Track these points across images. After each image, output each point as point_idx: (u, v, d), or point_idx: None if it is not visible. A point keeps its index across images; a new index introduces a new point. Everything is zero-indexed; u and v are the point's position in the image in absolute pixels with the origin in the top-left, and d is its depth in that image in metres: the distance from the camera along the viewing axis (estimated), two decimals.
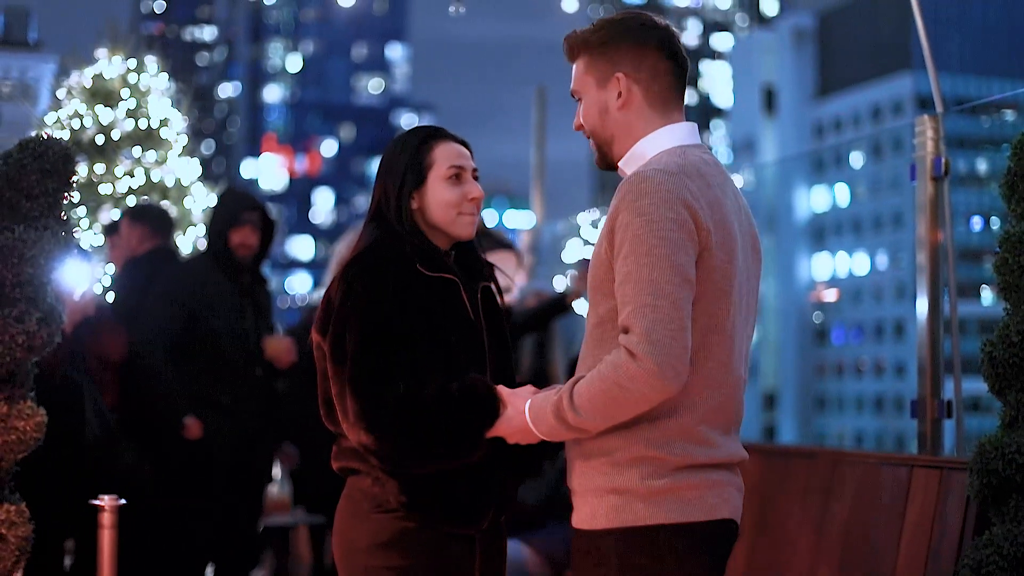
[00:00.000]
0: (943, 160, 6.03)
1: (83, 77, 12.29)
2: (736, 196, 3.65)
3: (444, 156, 3.98)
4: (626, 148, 3.68)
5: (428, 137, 4.02)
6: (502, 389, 3.76)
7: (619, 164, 3.72)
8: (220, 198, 8.00)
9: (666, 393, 3.32)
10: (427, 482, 3.75)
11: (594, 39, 3.70)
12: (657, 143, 3.63)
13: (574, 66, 3.77)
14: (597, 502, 3.49)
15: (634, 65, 3.64)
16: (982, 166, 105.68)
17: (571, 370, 6.86)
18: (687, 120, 3.72)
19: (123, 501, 5.22)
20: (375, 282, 3.77)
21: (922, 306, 6.06)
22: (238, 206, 7.61)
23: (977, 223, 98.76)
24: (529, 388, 3.75)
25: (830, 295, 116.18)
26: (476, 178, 4.04)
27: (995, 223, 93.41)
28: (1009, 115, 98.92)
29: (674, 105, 3.69)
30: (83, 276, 5.90)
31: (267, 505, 8.90)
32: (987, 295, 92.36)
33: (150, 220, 8.23)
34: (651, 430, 3.42)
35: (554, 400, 3.49)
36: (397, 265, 3.82)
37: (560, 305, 8.19)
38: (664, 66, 3.67)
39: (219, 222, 7.55)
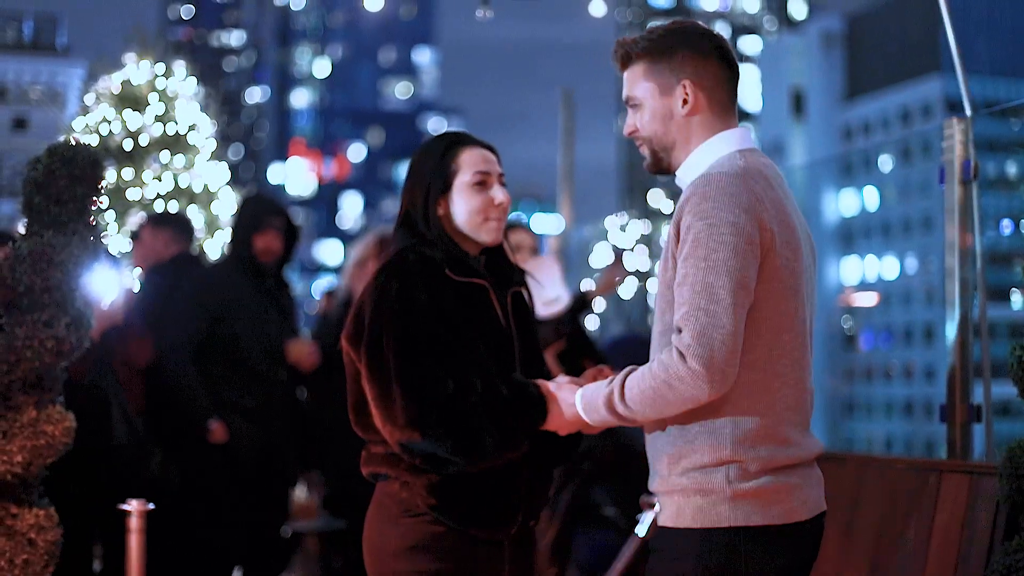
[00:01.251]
0: (972, 163, 6.00)
1: (111, 82, 12.36)
2: (792, 198, 3.72)
3: (469, 162, 4.00)
4: (685, 154, 3.74)
5: (453, 144, 4.04)
6: (548, 385, 3.82)
7: (678, 172, 3.77)
8: (244, 203, 8.03)
9: (712, 396, 3.41)
10: (454, 485, 3.77)
11: (655, 47, 3.74)
12: (716, 148, 3.69)
13: (627, 74, 3.81)
14: (684, 502, 3.55)
15: (698, 73, 3.70)
16: (1012, 169, 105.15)
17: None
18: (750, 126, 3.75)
19: (151, 506, 5.23)
20: (407, 285, 3.79)
21: (952, 310, 6.03)
22: (262, 211, 7.65)
23: (1007, 226, 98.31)
24: (570, 382, 3.82)
25: (867, 299, 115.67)
26: (503, 184, 4.05)
27: None
28: None
29: (731, 111, 3.77)
30: (111, 283, 5.91)
31: (294, 509, 8.93)
32: (1017, 299, 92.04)
33: (174, 225, 8.25)
34: (737, 433, 3.50)
35: (605, 393, 3.59)
36: (427, 269, 3.84)
37: (583, 303, 8.18)
38: (724, 73, 3.75)
39: (243, 227, 7.58)
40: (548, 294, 6.87)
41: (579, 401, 3.69)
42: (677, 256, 3.49)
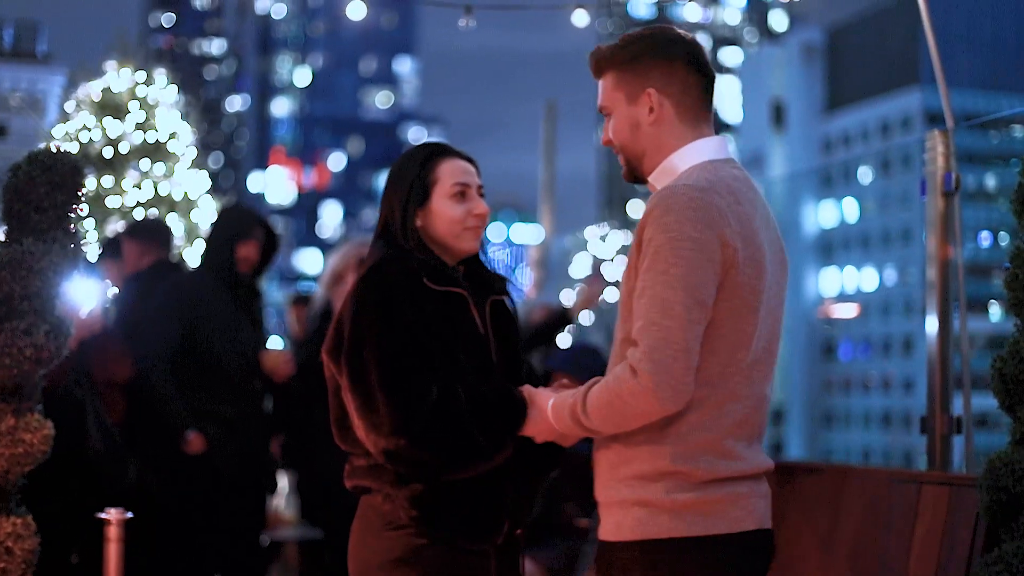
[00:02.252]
0: (953, 175, 6.02)
1: (92, 90, 12.33)
2: (764, 208, 3.67)
3: (448, 173, 4.01)
4: (657, 163, 3.69)
5: (432, 154, 4.04)
6: (528, 389, 3.81)
7: (649, 179, 3.73)
8: (225, 212, 8.02)
9: (665, 411, 3.38)
10: (437, 497, 3.76)
11: (622, 55, 3.72)
12: (688, 158, 3.65)
13: (601, 82, 3.79)
14: (622, 514, 3.52)
15: (664, 80, 3.67)
16: (991, 182, 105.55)
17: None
18: (726, 136, 3.74)
19: (130, 514, 5.21)
20: (387, 295, 3.78)
21: (932, 322, 6.04)
22: (247, 221, 7.65)
23: (986, 239, 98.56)
24: (546, 389, 3.81)
25: (847, 310, 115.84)
26: (482, 195, 4.06)
27: (1004, 239, 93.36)
28: (1018, 130, 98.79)
29: (704, 118, 3.72)
30: (90, 292, 5.89)
31: (272, 519, 8.91)
32: (995, 311, 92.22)
33: (148, 234, 8.21)
34: (678, 444, 3.46)
35: (570, 402, 3.56)
36: (406, 279, 3.82)
37: (564, 319, 8.18)
38: (693, 80, 3.70)
39: (225, 235, 7.57)
40: None
41: (550, 409, 3.67)
42: (639, 267, 3.46)
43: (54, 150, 4.97)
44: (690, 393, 3.37)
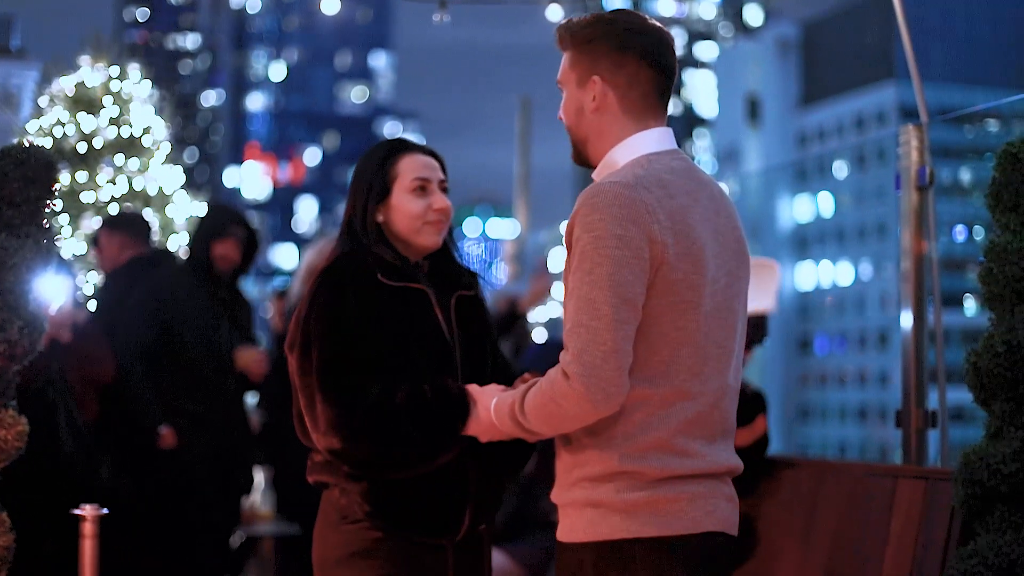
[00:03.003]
0: (928, 170, 6.04)
1: (65, 85, 12.28)
2: (713, 200, 3.55)
3: (409, 168, 4.01)
4: (600, 152, 3.61)
5: (393, 150, 4.06)
6: (472, 387, 3.78)
7: (593, 174, 3.65)
8: (207, 211, 8.01)
9: (599, 413, 3.31)
10: (390, 491, 3.77)
11: (581, 35, 3.62)
12: (627, 151, 3.55)
13: (563, 57, 3.69)
14: (576, 515, 3.46)
15: (612, 70, 3.57)
16: (965, 176, 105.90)
17: None
18: (670, 128, 3.67)
19: (105, 511, 5.19)
20: (335, 292, 3.81)
21: (906, 316, 6.06)
22: (224, 219, 7.65)
23: (960, 233, 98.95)
24: (495, 387, 3.76)
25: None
26: (445, 190, 4.06)
27: (978, 233, 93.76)
28: (992, 125, 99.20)
29: (651, 113, 3.60)
30: (61, 289, 5.86)
31: (248, 514, 8.89)
32: (970, 305, 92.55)
33: (128, 228, 8.17)
34: (625, 445, 3.38)
35: (509, 403, 3.52)
36: (358, 276, 3.85)
37: (512, 315, 8.22)
38: (645, 74, 3.57)
39: (203, 233, 7.57)
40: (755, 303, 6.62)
41: (492, 409, 3.63)
42: (567, 268, 3.41)
43: (27, 145, 4.95)
44: (624, 393, 3.30)
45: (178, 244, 11.54)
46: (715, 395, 3.49)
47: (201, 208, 12.20)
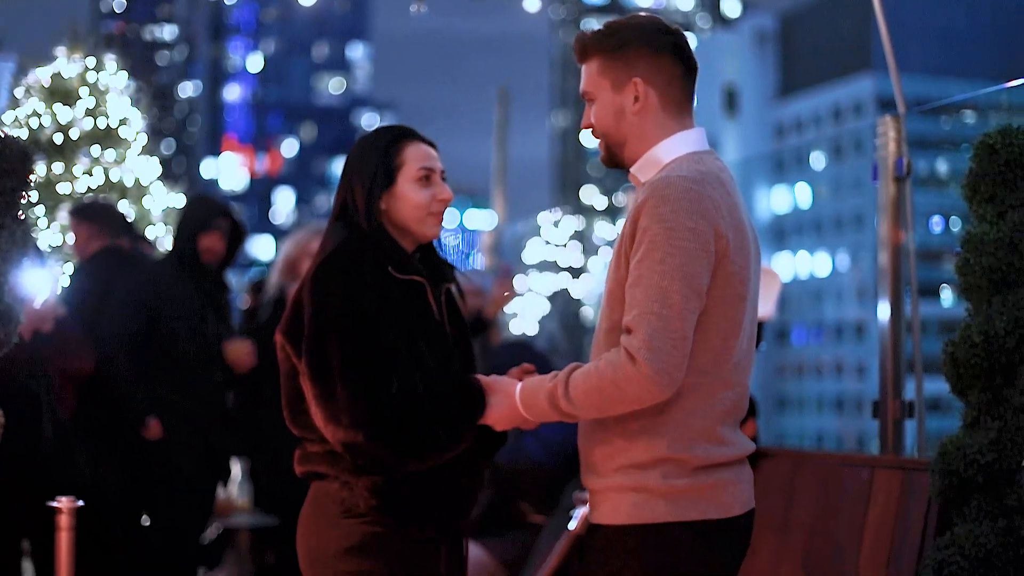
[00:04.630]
0: (905, 161, 6.05)
1: (41, 76, 12.23)
2: (742, 199, 3.73)
3: (414, 157, 3.98)
4: (639, 152, 3.73)
5: (398, 137, 4.01)
6: (483, 377, 3.82)
7: (632, 170, 3.77)
8: (191, 201, 7.98)
9: (658, 398, 3.44)
10: (397, 487, 3.75)
11: (610, 42, 3.74)
12: (672, 149, 3.69)
13: (585, 67, 3.81)
14: (618, 499, 3.59)
15: (651, 70, 3.70)
16: (942, 167, 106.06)
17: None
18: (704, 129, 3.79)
19: (80, 503, 5.18)
20: (353, 283, 3.75)
21: (884, 306, 6.07)
22: (210, 211, 7.62)
23: (937, 224, 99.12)
24: (503, 377, 3.82)
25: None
26: (444, 179, 4.03)
27: (955, 224, 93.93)
28: (969, 116, 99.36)
29: (686, 110, 3.77)
30: (43, 282, 5.85)
31: (225, 506, 8.88)
32: (946, 296, 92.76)
33: (96, 218, 8.08)
34: (674, 432, 3.53)
35: (548, 387, 3.59)
36: (371, 266, 3.80)
37: (480, 321, 8.24)
38: (678, 71, 3.74)
39: (189, 225, 7.53)
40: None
41: (518, 394, 3.68)
42: (631, 257, 3.49)
43: (2, 136, 4.93)
44: (681, 380, 3.43)
45: (155, 235, 11.50)
46: (746, 385, 3.70)
47: (179, 199, 12.16)
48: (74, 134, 12.01)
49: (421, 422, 3.68)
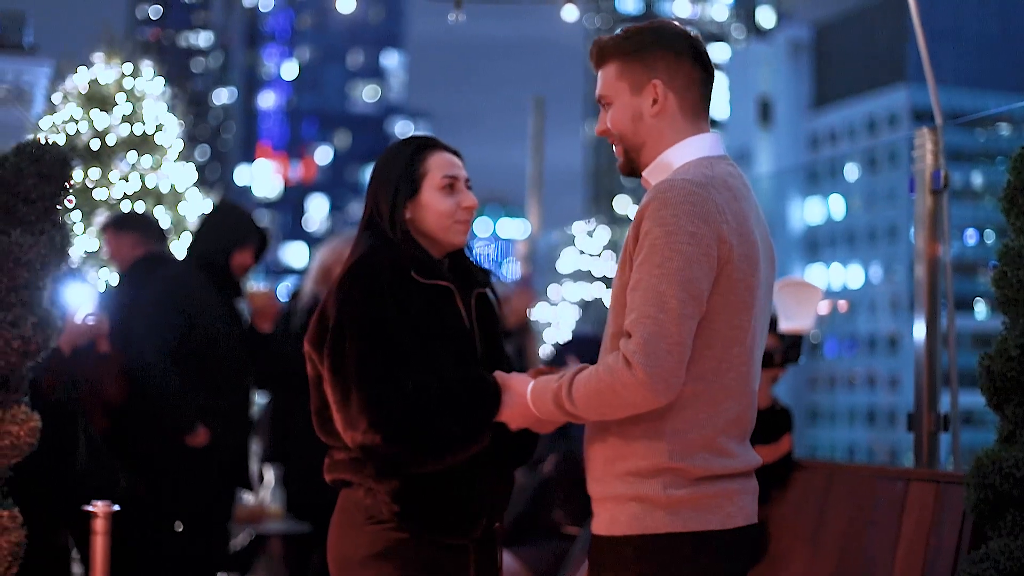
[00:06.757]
0: (942, 173, 6.03)
1: (78, 82, 12.30)
2: (756, 205, 3.69)
3: (438, 166, 4.00)
4: (653, 156, 3.71)
5: (421, 147, 4.04)
6: (499, 375, 3.81)
7: (644, 173, 3.74)
8: (228, 212, 7.91)
9: (655, 404, 3.40)
10: (418, 491, 3.76)
11: (629, 45, 3.72)
12: (684, 153, 3.66)
13: (601, 72, 3.79)
14: (617, 509, 3.55)
15: (670, 73, 3.68)
16: (977, 179, 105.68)
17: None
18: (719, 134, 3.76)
19: (116, 507, 5.20)
20: (371, 288, 3.78)
21: (920, 319, 6.05)
22: (248, 229, 7.61)
23: (972, 236, 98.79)
24: (521, 375, 3.80)
25: (833, 306, 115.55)
26: (469, 187, 4.05)
27: (989, 236, 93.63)
28: (1004, 128, 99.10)
29: (703, 115, 3.75)
30: (85, 297, 5.87)
31: (257, 512, 8.89)
32: (980, 309, 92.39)
33: (137, 227, 8.10)
34: (675, 441, 3.50)
35: (554, 388, 3.57)
36: (392, 273, 3.82)
37: (504, 333, 8.24)
38: (697, 75, 3.72)
39: (225, 238, 7.51)
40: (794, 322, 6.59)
41: (529, 393, 3.68)
42: (634, 259, 3.47)
43: (42, 142, 4.95)
44: (679, 387, 3.39)
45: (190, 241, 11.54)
46: (751, 396, 3.63)
47: (210, 205, 12.18)
48: (111, 140, 12.08)
49: (435, 419, 3.68)
